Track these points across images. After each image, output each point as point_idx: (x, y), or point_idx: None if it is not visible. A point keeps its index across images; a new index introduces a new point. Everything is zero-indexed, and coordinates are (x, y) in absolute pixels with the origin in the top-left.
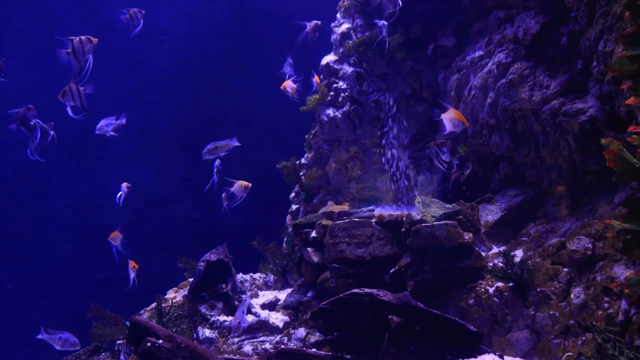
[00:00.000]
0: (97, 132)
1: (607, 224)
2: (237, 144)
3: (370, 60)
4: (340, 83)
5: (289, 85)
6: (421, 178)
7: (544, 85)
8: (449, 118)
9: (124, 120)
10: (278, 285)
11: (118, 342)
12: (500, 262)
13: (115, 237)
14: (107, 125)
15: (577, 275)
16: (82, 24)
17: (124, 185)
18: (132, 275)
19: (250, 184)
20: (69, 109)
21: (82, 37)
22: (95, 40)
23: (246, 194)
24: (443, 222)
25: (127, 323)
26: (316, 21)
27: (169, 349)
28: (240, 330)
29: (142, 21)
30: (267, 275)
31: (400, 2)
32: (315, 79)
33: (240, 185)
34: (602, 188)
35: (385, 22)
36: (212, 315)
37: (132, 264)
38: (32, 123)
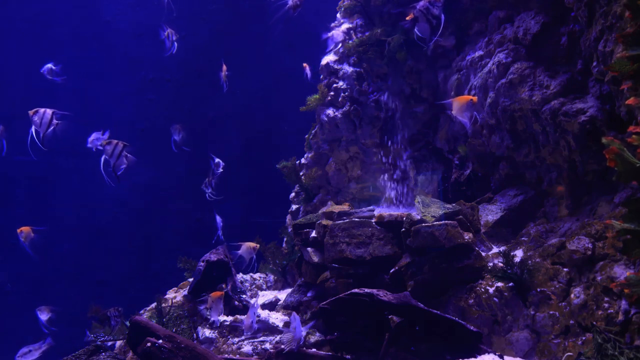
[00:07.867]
0: (88, 144)
1: (607, 224)
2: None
3: (370, 60)
4: (340, 83)
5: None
6: (421, 178)
7: (544, 85)
8: (458, 108)
9: (105, 137)
10: (278, 285)
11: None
12: (500, 262)
13: (26, 234)
14: (97, 139)
15: (577, 275)
16: (82, 24)
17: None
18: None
19: (257, 245)
20: None
21: None
22: None
23: (255, 254)
24: (443, 222)
25: (127, 323)
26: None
27: (169, 349)
28: (253, 329)
29: (176, 45)
30: (267, 275)
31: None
32: (305, 65)
33: (247, 247)
34: (602, 188)
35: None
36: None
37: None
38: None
